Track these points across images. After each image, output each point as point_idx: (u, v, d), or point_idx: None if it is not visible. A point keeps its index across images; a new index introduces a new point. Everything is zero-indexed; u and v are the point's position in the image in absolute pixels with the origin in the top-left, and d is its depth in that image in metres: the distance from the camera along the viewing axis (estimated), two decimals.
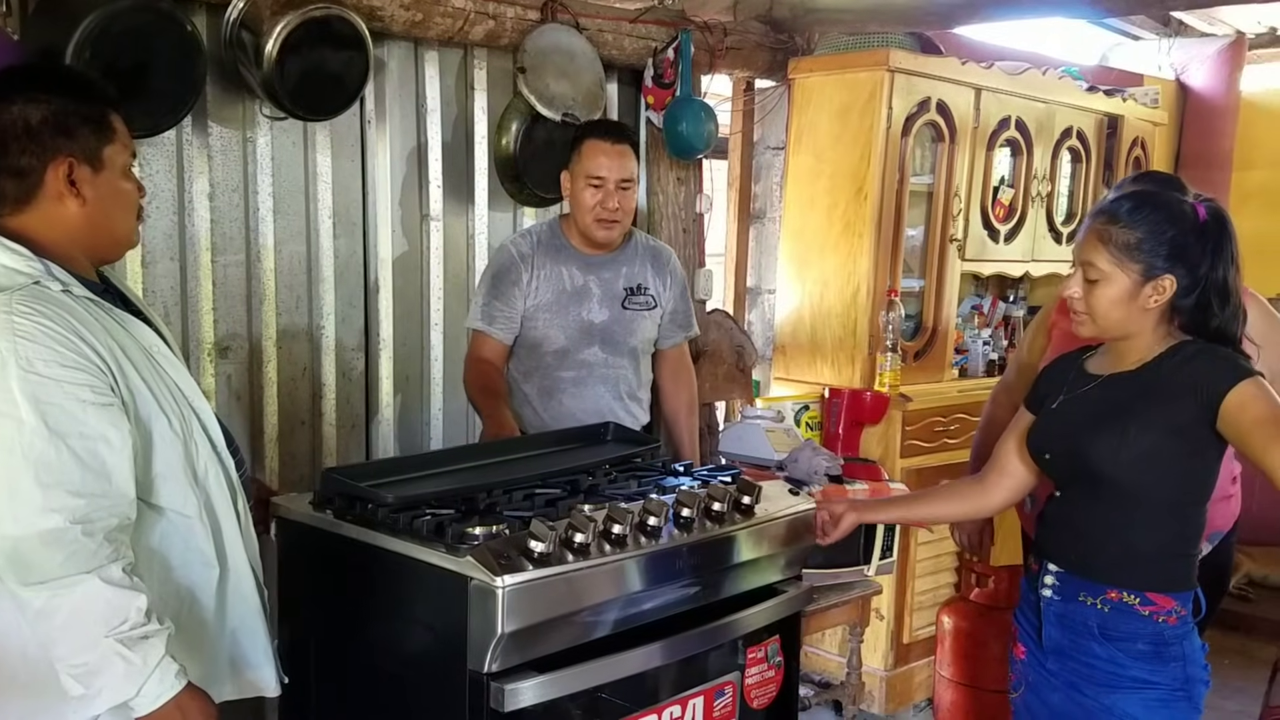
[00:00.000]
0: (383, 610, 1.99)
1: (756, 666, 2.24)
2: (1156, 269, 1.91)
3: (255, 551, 1.91)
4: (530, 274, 2.76)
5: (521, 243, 2.83)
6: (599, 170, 2.71)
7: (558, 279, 2.78)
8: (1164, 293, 1.92)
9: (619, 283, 2.84)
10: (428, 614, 1.89)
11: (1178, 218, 1.92)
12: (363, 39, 2.69)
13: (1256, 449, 1.82)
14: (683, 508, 2.06)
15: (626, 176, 2.74)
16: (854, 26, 3.83)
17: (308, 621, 2.14)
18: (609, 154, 2.72)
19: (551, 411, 2.81)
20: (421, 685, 1.92)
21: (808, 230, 3.84)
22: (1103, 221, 1.96)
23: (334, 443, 3.01)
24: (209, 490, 1.78)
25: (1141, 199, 1.97)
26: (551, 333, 2.78)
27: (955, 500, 2.34)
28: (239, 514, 1.85)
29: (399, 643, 1.96)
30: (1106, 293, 1.94)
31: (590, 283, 2.80)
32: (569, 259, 2.81)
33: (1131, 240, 1.91)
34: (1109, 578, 1.97)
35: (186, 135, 2.66)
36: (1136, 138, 4.76)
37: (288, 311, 2.91)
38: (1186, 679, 1.95)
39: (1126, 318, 1.95)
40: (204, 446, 1.79)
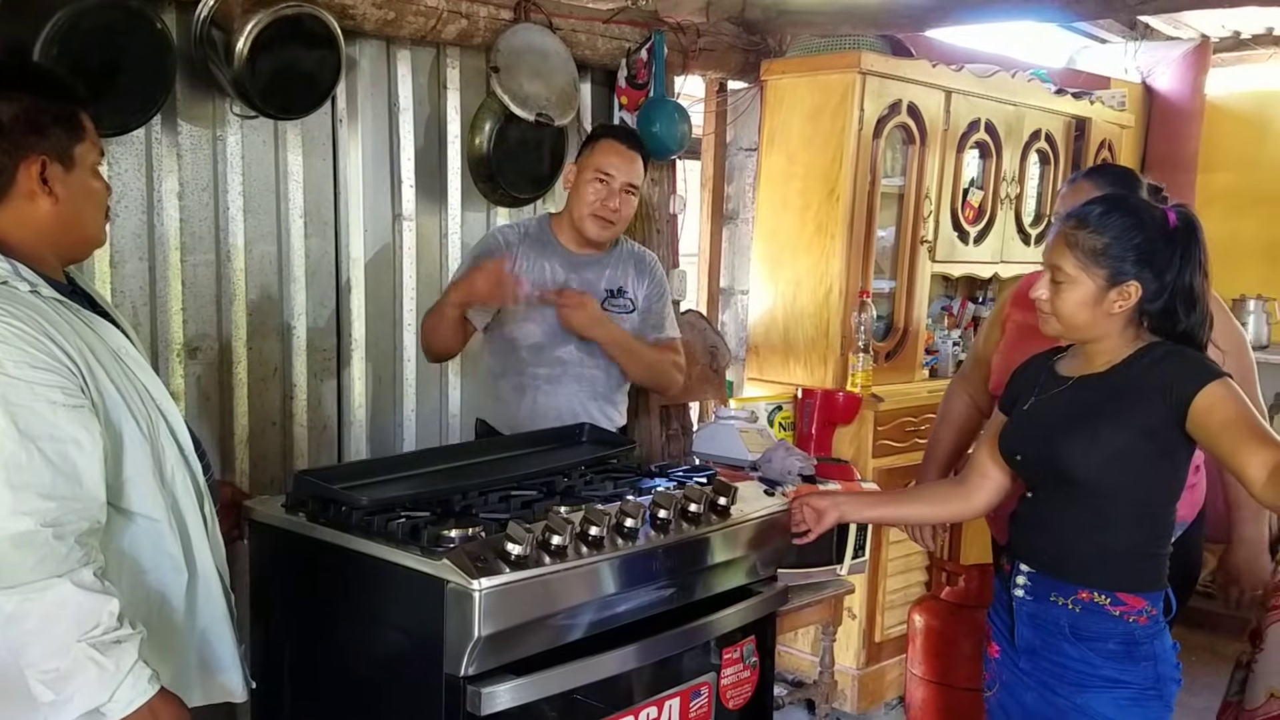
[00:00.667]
0: (357, 614, 1.97)
1: (732, 667, 2.24)
2: (1123, 274, 1.93)
3: (222, 556, 1.89)
4: (514, 264, 2.74)
5: (509, 232, 2.84)
6: (608, 167, 2.71)
7: (539, 273, 2.76)
8: (1129, 298, 1.93)
9: (600, 284, 2.82)
10: (403, 617, 1.88)
11: (1146, 224, 1.94)
12: (335, 37, 2.67)
13: (1226, 450, 1.84)
14: (659, 509, 2.06)
15: (633, 181, 2.74)
16: (826, 29, 3.84)
17: (281, 626, 2.12)
18: (622, 155, 2.73)
19: (525, 409, 2.79)
20: (397, 689, 1.90)
21: (780, 231, 3.85)
22: (1071, 225, 1.97)
23: (305, 444, 2.98)
24: (176, 494, 1.76)
25: (1112, 204, 1.99)
26: (528, 326, 2.76)
27: (938, 502, 2.35)
28: (206, 518, 1.83)
29: (374, 647, 1.95)
30: (1072, 296, 1.96)
31: (571, 281, 2.78)
32: (553, 255, 2.79)
33: (1098, 245, 1.93)
34: (1080, 578, 1.98)
35: (155, 134, 2.63)
36: (1104, 140, 4.81)
37: (258, 312, 2.88)
38: (1158, 678, 1.97)
39: (1091, 321, 1.97)
40: (171, 450, 1.77)
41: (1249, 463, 1.80)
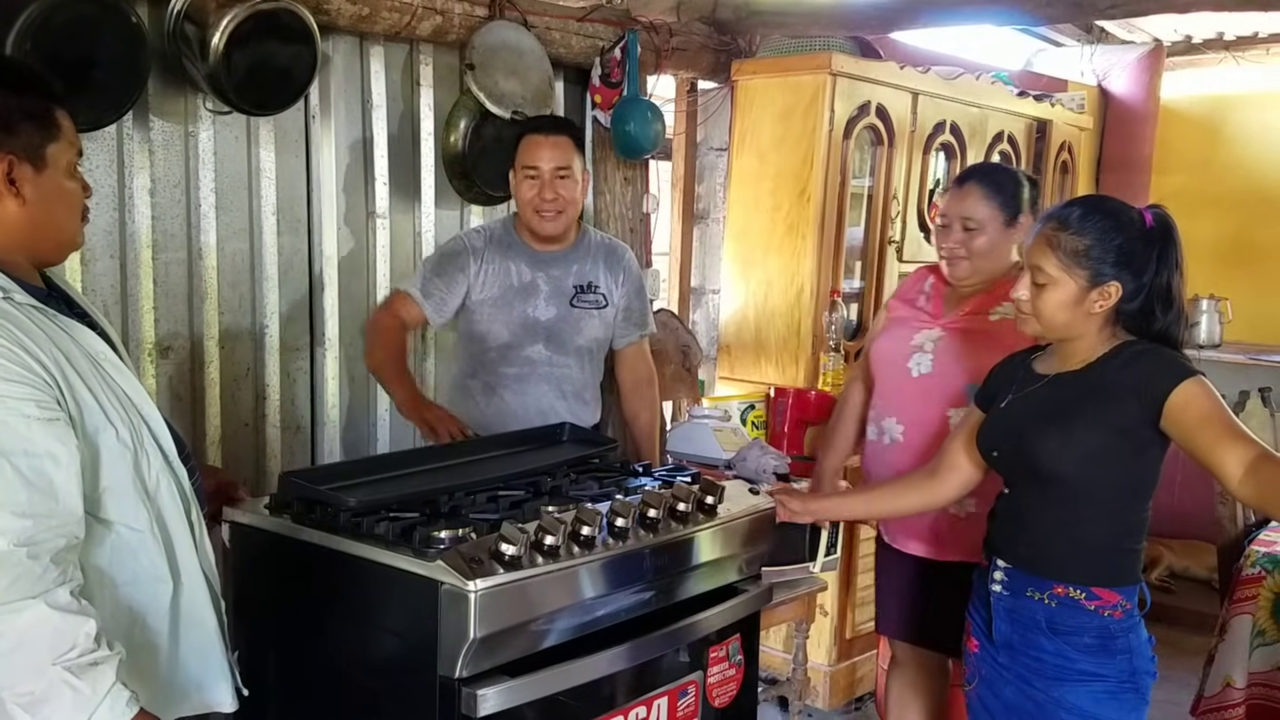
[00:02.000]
0: (346, 617, 1.95)
1: (718, 665, 2.25)
2: (1103, 275, 1.96)
3: (211, 563, 1.85)
4: (479, 267, 2.74)
5: (475, 236, 2.82)
6: (533, 160, 2.70)
7: (505, 274, 2.75)
8: (1110, 298, 1.96)
9: (568, 280, 2.81)
10: (395, 620, 1.86)
11: (1125, 225, 1.97)
12: (310, 33, 2.64)
13: (1201, 447, 1.88)
14: (648, 508, 2.06)
15: (562, 165, 2.70)
16: (796, 30, 3.87)
17: (265, 630, 2.09)
18: (542, 144, 2.70)
19: (494, 408, 2.78)
20: (389, 693, 1.88)
21: (751, 231, 3.87)
22: (1052, 227, 2.00)
23: (278, 445, 2.95)
24: (160, 503, 1.71)
25: (1091, 206, 2.02)
26: (495, 328, 2.75)
27: (910, 493, 2.37)
28: (193, 525, 1.78)
29: (364, 650, 1.93)
30: (1053, 297, 1.99)
31: (539, 279, 2.78)
32: (518, 255, 2.78)
33: (1080, 247, 1.96)
34: (1056, 573, 2.01)
35: (127, 130, 2.58)
36: (1064, 142, 4.89)
37: (230, 310, 2.85)
38: (1133, 671, 2.01)
39: (1071, 321, 2.00)
40: (155, 457, 1.71)
41: (1225, 459, 1.84)
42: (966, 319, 2.61)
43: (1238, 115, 5.62)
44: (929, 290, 2.72)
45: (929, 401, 2.59)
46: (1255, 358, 5.00)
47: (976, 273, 2.59)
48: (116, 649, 1.54)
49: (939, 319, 2.65)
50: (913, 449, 2.59)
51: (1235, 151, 5.60)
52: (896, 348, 2.67)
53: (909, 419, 2.62)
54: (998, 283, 2.59)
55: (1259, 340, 5.43)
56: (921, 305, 2.71)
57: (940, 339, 2.61)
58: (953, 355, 2.58)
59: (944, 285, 2.68)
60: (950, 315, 2.64)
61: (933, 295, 2.70)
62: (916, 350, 2.63)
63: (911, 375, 2.62)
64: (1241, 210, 5.53)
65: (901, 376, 2.64)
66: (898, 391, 2.65)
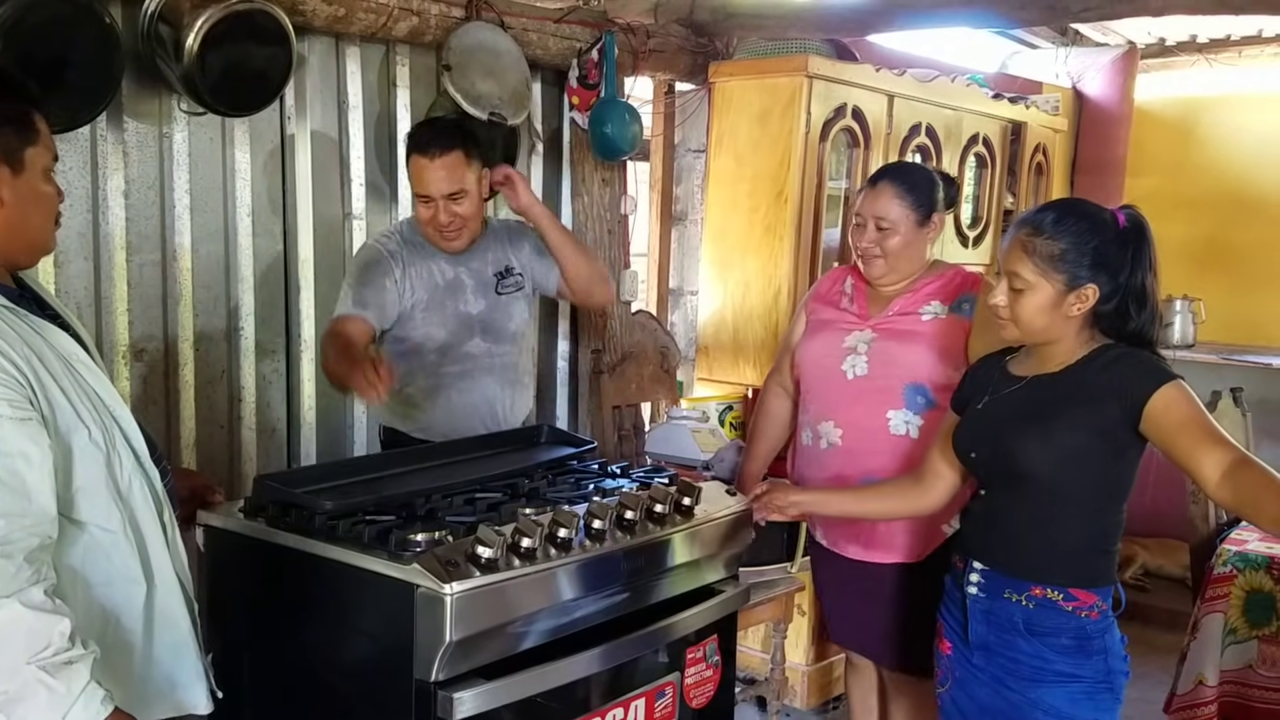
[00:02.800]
0: (322, 620, 1.94)
1: (695, 666, 2.25)
2: (1080, 278, 1.96)
3: (184, 564, 1.84)
4: (401, 271, 2.65)
5: (387, 241, 2.71)
6: (424, 189, 2.61)
7: (429, 275, 2.69)
8: (1087, 301, 1.97)
9: (488, 269, 2.76)
10: (371, 623, 1.86)
11: (1100, 227, 1.98)
12: (286, 33, 2.63)
13: (1180, 450, 1.89)
14: (625, 510, 2.06)
15: (454, 189, 2.59)
16: (773, 32, 3.88)
17: (240, 634, 2.08)
18: (430, 169, 2.58)
19: (441, 410, 2.73)
20: (364, 696, 1.88)
21: (729, 232, 3.88)
22: (1027, 233, 2.00)
23: (253, 448, 2.93)
24: (133, 504, 1.71)
25: (1065, 209, 2.03)
26: (431, 330, 2.70)
27: (895, 498, 2.38)
28: (165, 526, 1.77)
29: (340, 653, 1.92)
30: (1031, 301, 1.99)
31: (461, 274, 2.72)
32: (434, 254, 2.70)
33: (1055, 251, 1.97)
34: (1033, 574, 2.02)
35: (101, 131, 2.57)
36: (1038, 144, 4.93)
37: (205, 313, 2.83)
38: (1108, 671, 2.02)
39: (1050, 324, 2.01)
40: (127, 458, 1.71)
41: (1203, 463, 1.86)
42: (897, 319, 2.60)
43: (1211, 117, 5.66)
44: (850, 291, 2.70)
45: (867, 404, 2.58)
46: (1228, 358, 5.05)
47: (892, 271, 2.59)
48: (91, 648, 1.54)
49: (867, 320, 2.64)
50: (852, 452, 2.58)
51: (1209, 153, 5.64)
52: (827, 350, 2.65)
53: (847, 422, 2.60)
54: (919, 281, 2.61)
55: (1232, 340, 5.49)
56: (846, 306, 2.69)
57: (873, 340, 2.60)
58: (888, 356, 2.57)
59: (865, 285, 2.68)
60: (878, 316, 2.63)
61: (856, 296, 2.69)
62: (850, 352, 2.61)
63: (847, 378, 2.60)
64: (1215, 211, 5.58)
65: (836, 379, 2.62)
66: (833, 395, 2.63)
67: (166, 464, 1.88)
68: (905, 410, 2.55)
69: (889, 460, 2.53)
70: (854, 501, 2.47)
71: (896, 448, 2.55)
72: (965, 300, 2.57)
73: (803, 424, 2.72)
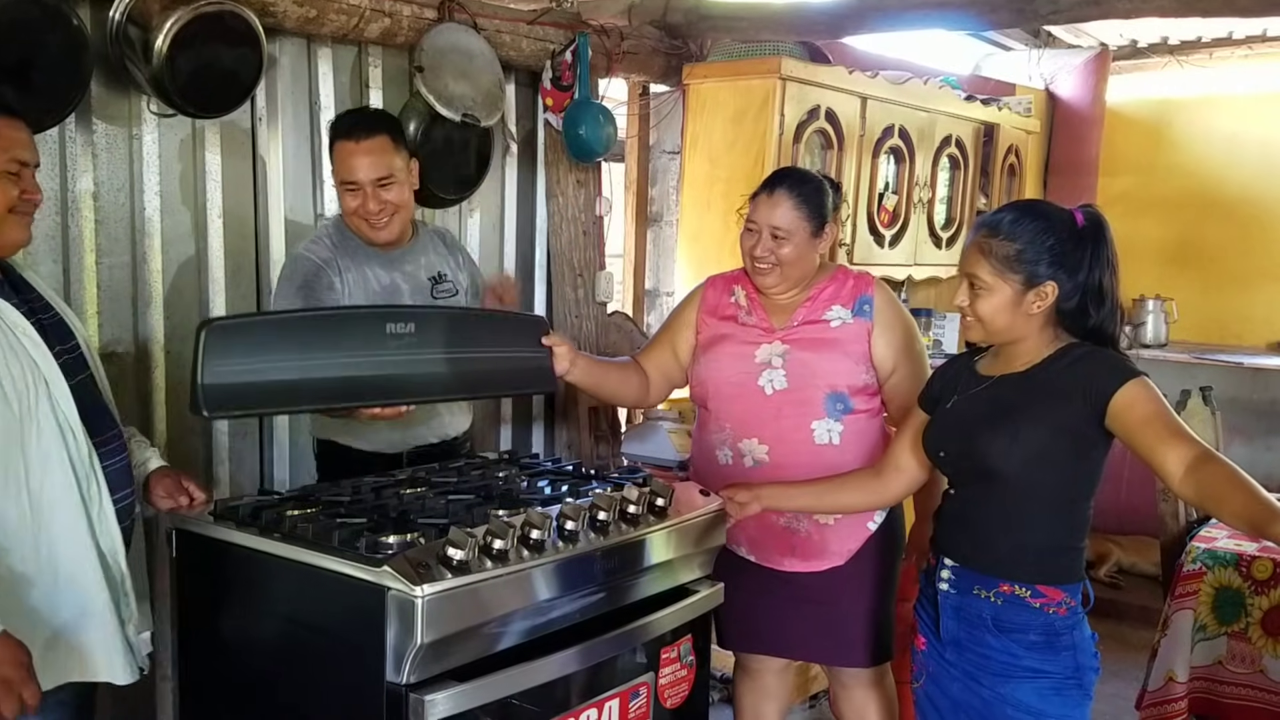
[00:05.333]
0: (294, 623, 1.94)
1: (670, 667, 2.25)
2: (1038, 277, 1.99)
3: (113, 543, 1.92)
4: (339, 278, 2.54)
5: (317, 248, 2.57)
6: (350, 174, 2.49)
7: (364, 281, 2.58)
8: (1046, 298, 2.00)
9: (421, 274, 2.69)
10: (342, 626, 1.85)
11: (1056, 226, 2.01)
12: (256, 35, 2.62)
13: (1144, 446, 1.91)
14: (599, 511, 2.06)
15: (382, 175, 2.49)
16: (746, 34, 3.89)
17: (211, 637, 2.08)
18: (356, 153, 2.48)
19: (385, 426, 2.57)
20: (336, 700, 1.87)
21: (704, 234, 3.88)
22: (984, 234, 2.03)
23: (227, 451, 2.92)
24: (44, 469, 1.82)
25: (1022, 210, 2.06)
26: None
27: (856, 491, 2.39)
28: (87, 500, 1.87)
29: (311, 656, 1.91)
30: (991, 301, 2.02)
31: (397, 279, 2.64)
32: (369, 258, 2.60)
33: (1012, 252, 1.99)
34: (1001, 572, 2.04)
35: (70, 133, 2.55)
36: (1011, 145, 4.96)
37: (176, 315, 2.80)
38: (1078, 667, 2.04)
39: (1011, 323, 2.03)
40: (48, 426, 1.82)
41: (1167, 458, 1.88)
42: (805, 328, 2.57)
43: (1182, 118, 5.72)
44: (745, 302, 2.64)
45: (789, 417, 2.54)
46: (1200, 357, 5.10)
47: (783, 280, 2.55)
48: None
49: (774, 332, 2.58)
50: (780, 467, 2.54)
51: (1180, 154, 5.70)
52: (739, 366, 2.58)
53: (773, 437, 2.55)
54: (814, 287, 2.59)
55: (1204, 340, 5.55)
56: (745, 320, 2.62)
57: (788, 353, 2.55)
58: (805, 367, 2.54)
59: (759, 295, 2.63)
60: (785, 327, 2.58)
61: (753, 307, 2.63)
62: (765, 367, 2.56)
63: (766, 393, 2.55)
64: (1186, 212, 5.64)
65: (754, 396, 2.56)
66: (752, 412, 2.57)
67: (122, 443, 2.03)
68: (827, 419, 2.53)
69: (816, 472, 2.50)
70: (813, 495, 2.45)
71: (821, 457, 2.53)
72: (865, 302, 2.58)
73: (715, 444, 2.63)
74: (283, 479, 3.02)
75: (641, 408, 3.39)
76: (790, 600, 2.63)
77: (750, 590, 2.61)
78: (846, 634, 2.62)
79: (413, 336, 2.17)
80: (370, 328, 2.15)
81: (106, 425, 1.98)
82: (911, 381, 2.51)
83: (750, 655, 2.79)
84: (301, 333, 2.09)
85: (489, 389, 2.56)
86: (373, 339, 2.14)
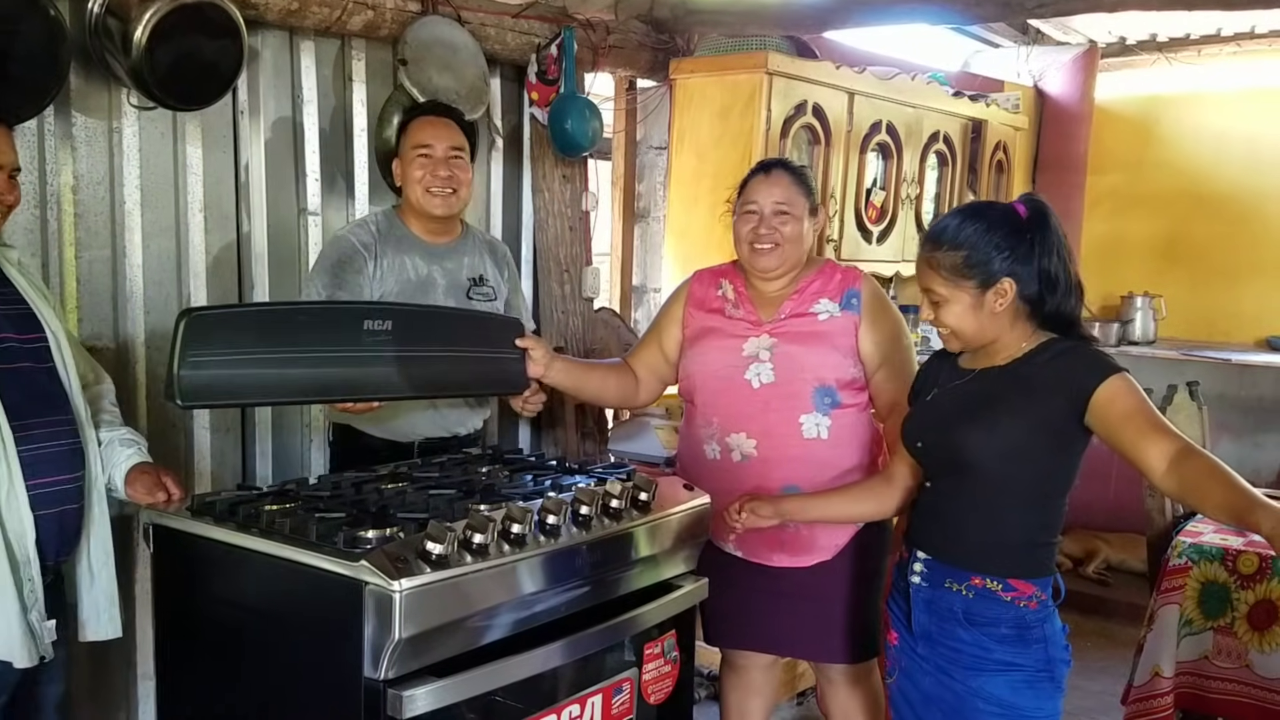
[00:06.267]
0: (272, 619, 1.92)
1: (654, 662, 2.24)
2: (992, 276, 1.99)
3: (21, 522, 1.94)
4: (374, 264, 2.61)
5: (361, 232, 2.66)
6: (426, 139, 2.63)
7: (401, 269, 2.65)
8: (1007, 294, 2.00)
9: (462, 273, 2.73)
10: (320, 621, 1.84)
11: (998, 224, 2.01)
12: (236, 26, 2.59)
13: (1126, 441, 1.90)
14: (581, 505, 2.05)
15: (456, 144, 2.65)
16: (733, 29, 3.88)
17: (188, 632, 2.06)
18: (434, 125, 2.66)
19: (404, 409, 2.66)
20: (313, 695, 1.86)
21: (692, 229, 3.87)
22: (929, 249, 2.05)
23: (208, 447, 2.89)
24: None
25: (963, 216, 2.06)
26: None
27: (871, 500, 2.35)
28: None
29: (290, 653, 1.90)
30: (953, 310, 2.03)
31: (435, 273, 2.68)
32: (411, 248, 2.67)
33: (959, 260, 2.00)
34: (973, 565, 2.04)
35: (49, 125, 2.53)
36: (999, 142, 4.96)
37: (157, 310, 2.78)
38: (1049, 660, 2.03)
39: (980, 326, 2.03)
40: None
41: (1149, 453, 1.87)
42: (793, 321, 2.55)
43: (1171, 115, 5.72)
44: (732, 296, 2.62)
45: (777, 411, 2.51)
46: (1188, 354, 5.10)
47: (783, 262, 2.53)
48: None
49: (761, 325, 2.56)
50: (768, 461, 2.51)
51: (1168, 151, 5.70)
52: (726, 360, 2.56)
53: (760, 431, 2.52)
54: (802, 281, 2.58)
55: (1192, 336, 5.55)
56: (733, 313, 2.60)
57: (775, 346, 2.53)
58: (793, 360, 2.51)
59: (746, 288, 2.61)
60: (773, 320, 2.56)
61: (740, 300, 2.61)
62: (752, 360, 2.53)
63: (753, 387, 2.52)
64: (1175, 208, 5.64)
65: (741, 390, 2.53)
66: (739, 405, 2.54)
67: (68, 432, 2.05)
68: (815, 413, 2.51)
69: (805, 467, 2.50)
70: (828, 506, 2.43)
71: (810, 452, 2.51)
72: (853, 295, 2.56)
73: (703, 438, 2.60)
74: (265, 475, 3.00)
75: (631, 408, 3.36)
76: (777, 596, 2.61)
77: (737, 586, 2.59)
78: (832, 630, 2.61)
79: (388, 334, 2.17)
80: (348, 324, 2.15)
81: (48, 411, 2.02)
82: (898, 377, 2.49)
83: (737, 651, 2.78)
84: (279, 326, 2.09)
85: (457, 388, 2.56)
86: (349, 335, 2.14)
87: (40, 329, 2.06)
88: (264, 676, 1.95)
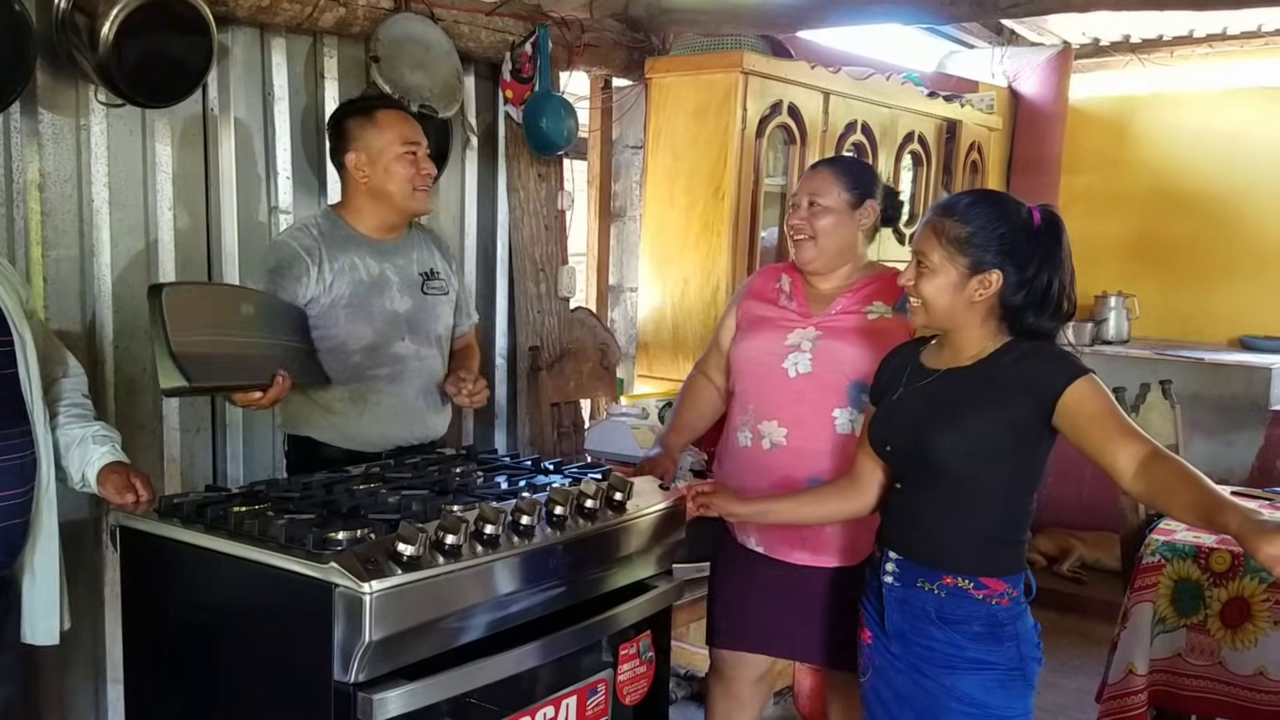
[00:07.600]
0: (241, 622, 1.90)
1: (629, 663, 2.23)
2: (984, 263, 1.97)
3: None
4: (318, 268, 2.49)
5: (302, 236, 2.53)
6: (412, 135, 2.55)
7: (353, 270, 2.53)
8: (990, 287, 1.98)
9: (414, 268, 2.66)
10: (290, 624, 1.81)
11: (1010, 216, 1.99)
12: (205, 23, 2.57)
13: (1094, 443, 1.90)
14: (555, 506, 2.03)
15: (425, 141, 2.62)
16: (708, 28, 3.87)
17: (157, 636, 2.03)
18: (410, 121, 2.60)
19: (369, 416, 2.56)
20: (283, 698, 1.83)
21: (667, 229, 3.86)
22: (939, 214, 2.03)
23: (178, 448, 2.86)
24: None
25: (980, 196, 2.05)
26: (356, 328, 2.53)
27: (835, 501, 2.32)
28: None
29: (259, 656, 1.87)
30: (935, 282, 2.00)
31: (386, 270, 2.60)
32: (358, 247, 2.56)
33: (963, 234, 1.98)
34: (945, 564, 2.03)
35: (14, 122, 2.49)
36: (973, 142, 4.97)
37: (126, 309, 2.74)
38: (1021, 658, 2.03)
39: (953, 307, 2.01)
40: None
41: (1117, 456, 1.87)
42: (841, 317, 2.55)
43: (1144, 116, 5.76)
44: (788, 289, 2.63)
45: (812, 402, 2.50)
46: (1161, 353, 5.14)
47: (820, 255, 2.53)
48: None
49: (810, 318, 2.56)
50: (798, 452, 2.50)
51: (1142, 151, 5.74)
52: (768, 348, 2.56)
53: (792, 421, 2.51)
54: (858, 281, 2.57)
55: (1165, 335, 5.59)
56: (785, 305, 2.61)
57: (818, 338, 2.52)
58: (833, 354, 2.51)
59: (803, 284, 2.62)
60: (821, 314, 2.56)
61: (795, 294, 2.61)
62: (793, 350, 2.53)
63: (789, 376, 2.51)
64: (1148, 209, 5.68)
65: (777, 378, 2.53)
66: (774, 393, 2.53)
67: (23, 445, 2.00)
68: (850, 408, 2.49)
69: (835, 460, 2.47)
70: (792, 509, 2.41)
71: (842, 446, 2.49)
72: (908, 299, 2.55)
73: (739, 425, 2.61)
74: (236, 477, 2.97)
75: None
76: (790, 596, 2.58)
77: (757, 584, 2.59)
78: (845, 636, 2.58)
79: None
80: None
81: (3, 423, 1.96)
82: None
83: (727, 663, 2.75)
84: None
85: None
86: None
87: (8, 332, 1.99)
88: (233, 680, 1.92)
